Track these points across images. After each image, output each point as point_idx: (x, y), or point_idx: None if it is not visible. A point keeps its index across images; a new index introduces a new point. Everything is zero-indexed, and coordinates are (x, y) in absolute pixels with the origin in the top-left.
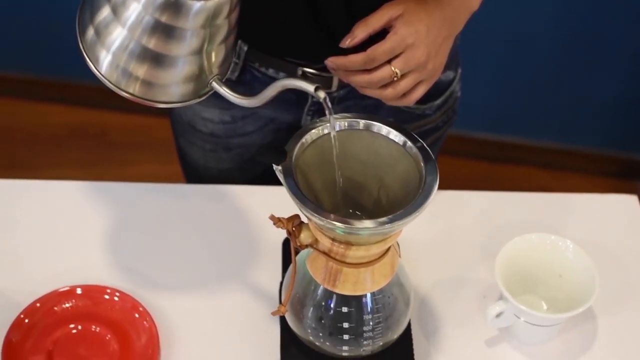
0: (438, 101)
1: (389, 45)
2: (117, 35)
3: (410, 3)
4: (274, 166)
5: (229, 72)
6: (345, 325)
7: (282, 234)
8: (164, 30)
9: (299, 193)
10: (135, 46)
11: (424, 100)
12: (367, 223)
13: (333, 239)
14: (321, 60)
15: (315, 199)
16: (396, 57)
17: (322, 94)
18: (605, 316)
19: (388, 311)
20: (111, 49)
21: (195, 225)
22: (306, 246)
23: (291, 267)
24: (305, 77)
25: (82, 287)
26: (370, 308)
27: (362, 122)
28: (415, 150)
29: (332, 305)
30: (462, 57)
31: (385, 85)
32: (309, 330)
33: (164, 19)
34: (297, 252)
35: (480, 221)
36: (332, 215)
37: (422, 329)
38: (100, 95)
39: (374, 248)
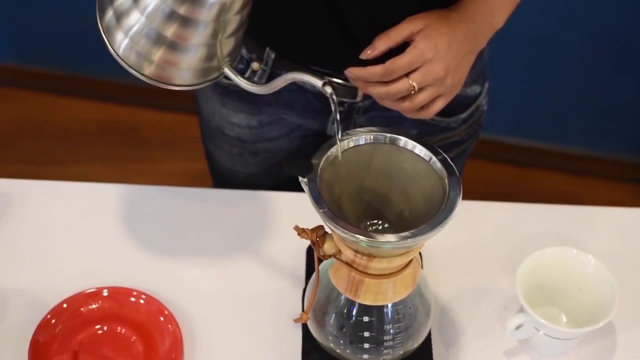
0: (464, 115)
1: (407, 59)
2: (136, 21)
3: (433, 18)
4: (300, 178)
5: (256, 78)
6: (366, 334)
7: (306, 241)
8: (181, 21)
9: (323, 206)
10: (152, 33)
11: (450, 113)
12: (390, 237)
13: (356, 251)
14: (346, 69)
15: (338, 210)
16: (414, 70)
17: (328, 90)
18: (625, 331)
19: (409, 321)
20: (129, 33)
21: (222, 230)
22: (329, 256)
23: (314, 275)
24: (330, 85)
25: (109, 288)
26: (391, 318)
27: (387, 136)
28: (439, 165)
29: (353, 314)
30: (490, 62)
31: (402, 98)
32: (330, 338)
33: (181, 10)
34: (320, 261)
35: (502, 232)
36: (355, 229)
37: (442, 338)
38: (131, 92)
39: (396, 260)
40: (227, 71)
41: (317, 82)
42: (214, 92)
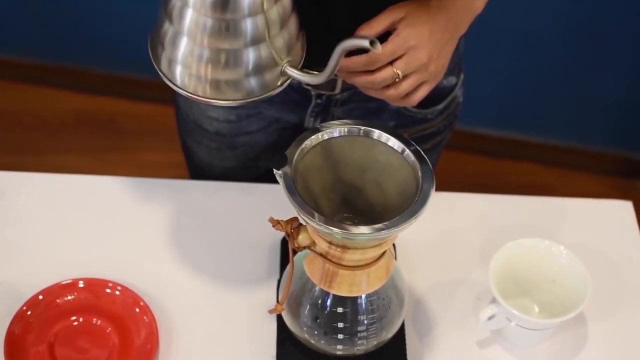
0: (440, 106)
1: (390, 47)
2: (181, 44)
3: (413, 6)
4: (274, 171)
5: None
6: (340, 325)
7: (281, 232)
8: (221, 26)
9: (297, 198)
10: (199, 50)
11: (426, 104)
12: (364, 229)
13: (330, 243)
14: (323, 64)
15: (314, 202)
16: (398, 58)
17: (377, 48)
18: (597, 321)
19: (382, 312)
20: (178, 59)
21: (198, 221)
22: (304, 248)
23: (289, 267)
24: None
25: (85, 280)
26: (365, 309)
27: (362, 129)
28: (413, 157)
29: (327, 305)
30: (467, 53)
31: (387, 86)
32: (305, 329)
33: (217, 14)
34: (295, 253)
35: (477, 224)
36: (329, 221)
37: (415, 329)
38: (108, 82)
39: (370, 252)
40: (290, 72)
41: (365, 43)
42: None
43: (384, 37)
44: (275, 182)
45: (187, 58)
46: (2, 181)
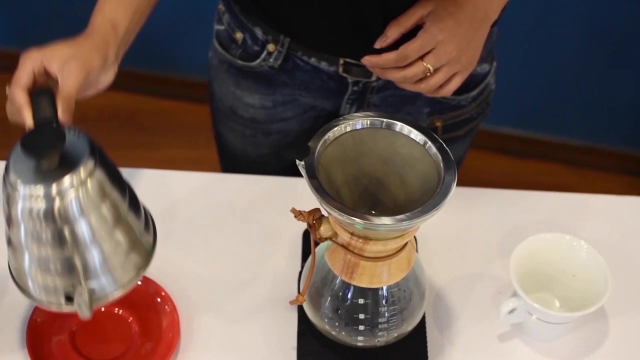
0: (474, 93)
1: (419, 42)
2: (23, 257)
3: None
4: (297, 162)
5: (272, 59)
6: (361, 316)
7: (303, 224)
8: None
9: (320, 188)
10: (51, 259)
11: (460, 91)
12: (385, 219)
13: (352, 234)
14: (359, 54)
15: (336, 194)
16: (428, 53)
17: None
18: (617, 316)
19: (403, 304)
20: (29, 274)
21: (219, 213)
22: (326, 239)
23: (310, 258)
24: (345, 67)
25: None
26: (386, 300)
27: (384, 121)
28: (434, 150)
29: (349, 297)
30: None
31: (419, 80)
32: (326, 320)
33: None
34: (316, 244)
35: (498, 219)
36: (351, 211)
37: (436, 322)
38: (131, 79)
39: (391, 243)
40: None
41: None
42: (228, 74)
43: (414, 32)
44: (298, 174)
45: (33, 269)
46: None
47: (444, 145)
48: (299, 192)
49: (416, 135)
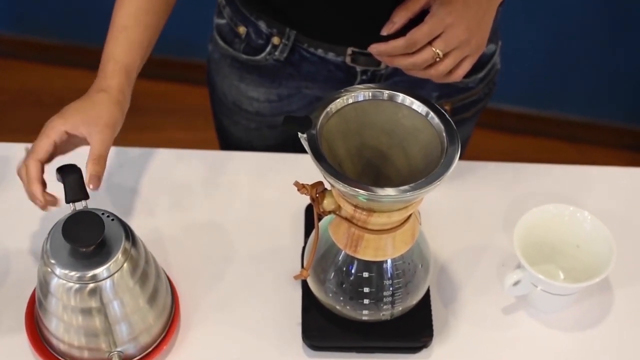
0: (481, 74)
1: (427, 27)
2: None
3: None
4: (299, 134)
5: (277, 53)
6: (366, 290)
7: (305, 199)
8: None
9: (323, 160)
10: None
11: (468, 73)
12: (389, 191)
13: (355, 206)
14: (367, 43)
15: (339, 167)
16: (437, 38)
17: None
18: (621, 287)
19: (408, 277)
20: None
21: (222, 189)
22: (329, 212)
23: (314, 232)
24: (353, 56)
25: None
26: (391, 274)
27: (386, 93)
28: (437, 120)
29: (353, 271)
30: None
31: (429, 66)
32: (330, 295)
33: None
34: (320, 218)
35: (501, 191)
36: (355, 183)
37: (440, 296)
38: None
39: (395, 215)
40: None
41: None
42: (231, 69)
43: (421, 18)
44: (299, 152)
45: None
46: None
47: (447, 115)
48: (300, 167)
49: (418, 107)
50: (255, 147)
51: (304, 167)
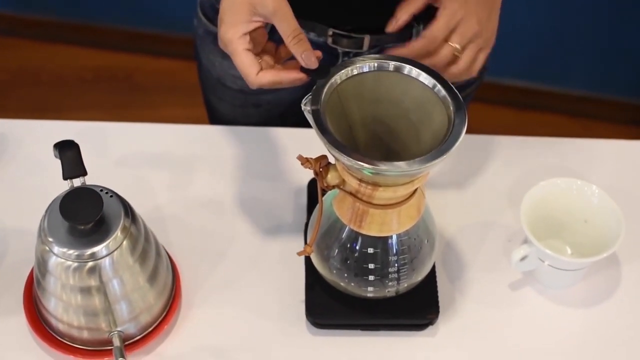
0: None
1: (443, 21)
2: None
3: None
4: (302, 106)
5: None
6: (371, 266)
7: (307, 175)
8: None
9: (327, 133)
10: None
11: None
12: (395, 164)
13: (360, 180)
14: (349, 23)
15: (349, 131)
16: (452, 33)
17: None
18: (630, 262)
19: (413, 253)
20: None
21: (222, 166)
22: (333, 187)
23: (317, 207)
24: (335, 38)
25: None
26: (396, 250)
27: (392, 64)
28: (444, 93)
29: (357, 247)
30: None
31: (448, 64)
32: (334, 271)
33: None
34: (324, 193)
35: (508, 166)
36: (360, 156)
37: (446, 272)
38: (127, 39)
39: (401, 190)
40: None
41: None
42: (214, 45)
43: (422, 15)
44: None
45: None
46: (24, 130)
47: (454, 89)
48: (302, 142)
49: (425, 78)
50: (240, 124)
51: (305, 142)
